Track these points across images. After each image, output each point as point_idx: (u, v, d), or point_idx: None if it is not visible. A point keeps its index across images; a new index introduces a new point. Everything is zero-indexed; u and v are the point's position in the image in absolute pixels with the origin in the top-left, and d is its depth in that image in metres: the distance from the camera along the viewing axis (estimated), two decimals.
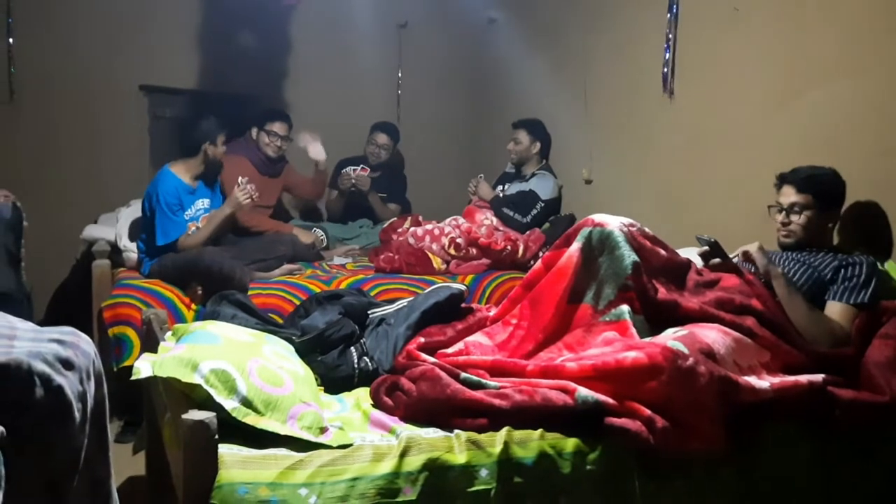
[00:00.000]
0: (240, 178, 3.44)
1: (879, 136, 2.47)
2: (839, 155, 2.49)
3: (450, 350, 2.12)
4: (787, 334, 2.07)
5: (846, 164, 2.40)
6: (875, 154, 2.48)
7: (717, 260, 2.35)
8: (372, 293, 3.20)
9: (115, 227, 3.55)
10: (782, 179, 2.43)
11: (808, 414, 1.94)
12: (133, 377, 1.72)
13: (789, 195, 2.38)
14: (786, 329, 2.08)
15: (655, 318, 2.09)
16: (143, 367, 1.72)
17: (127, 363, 2.88)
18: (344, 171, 4.37)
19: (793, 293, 2.18)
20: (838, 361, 2.06)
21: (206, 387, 1.63)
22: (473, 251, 3.70)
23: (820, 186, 2.35)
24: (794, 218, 2.36)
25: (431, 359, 2.02)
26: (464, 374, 1.89)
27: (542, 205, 3.99)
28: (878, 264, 2.29)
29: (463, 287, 2.43)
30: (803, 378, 1.94)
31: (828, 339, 2.11)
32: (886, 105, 2.46)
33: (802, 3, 2.76)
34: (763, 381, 1.89)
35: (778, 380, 1.93)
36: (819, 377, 1.95)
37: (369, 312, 2.33)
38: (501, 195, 4.15)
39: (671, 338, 1.90)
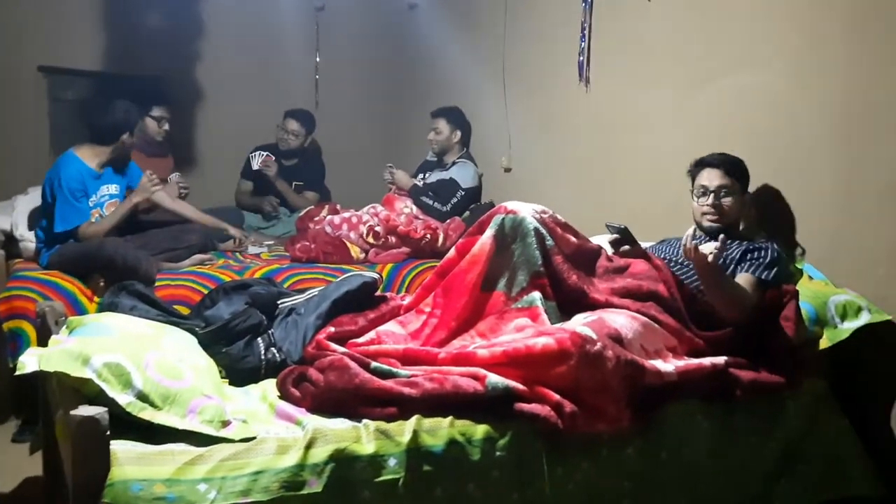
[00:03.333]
0: (147, 171, 3.31)
1: (781, 126, 2.56)
2: (750, 143, 2.57)
3: (361, 339, 2.08)
4: (684, 321, 2.11)
5: (750, 153, 2.48)
6: (777, 143, 2.56)
7: (626, 247, 2.40)
8: (287, 283, 3.13)
9: (10, 216, 3.34)
10: (703, 164, 2.45)
11: (711, 394, 1.99)
12: (17, 372, 1.61)
13: (715, 179, 2.40)
14: (684, 316, 2.13)
15: (566, 303, 2.12)
16: (29, 361, 1.61)
17: None
18: (250, 155, 4.26)
19: (723, 279, 2.18)
20: (740, 343, 2.12)
21: (97, 381, 1.55)
22: (392, 240, 3.65)
23: (741, 171, 2.42)
24: (724, 200, 2.39)
25: (341, 348, 1.98)
26: (374, 364, 1.87)
27: (462, 193, 3.99)
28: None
29: (376, 275, 2.39)
30: (707, 361, 2.00)
31: (737, 307, 2.13)
32: (784, 97, 2.54)
33: None
34: (668, 365, 1.94)
35: (683, 363, 1.98)
36: (721, 360, 2.01)
37: (279, 302, 2.26)
38: (422, 183, 4.12)
39: (580, 323, 1.93)
